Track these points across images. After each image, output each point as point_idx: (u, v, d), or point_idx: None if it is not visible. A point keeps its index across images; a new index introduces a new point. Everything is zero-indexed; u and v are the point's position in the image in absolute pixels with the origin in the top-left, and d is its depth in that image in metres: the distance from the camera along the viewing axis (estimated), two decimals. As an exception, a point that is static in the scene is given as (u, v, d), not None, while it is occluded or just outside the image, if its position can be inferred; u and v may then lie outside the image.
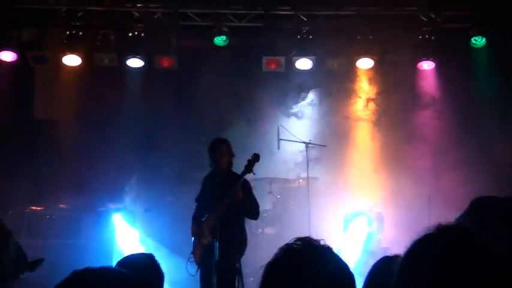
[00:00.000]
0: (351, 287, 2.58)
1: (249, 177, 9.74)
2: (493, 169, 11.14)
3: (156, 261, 4.87)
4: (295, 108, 13.54)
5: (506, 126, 11.97)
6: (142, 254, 5.15)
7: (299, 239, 2.69)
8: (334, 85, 13.25)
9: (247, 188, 9.59)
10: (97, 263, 2.43)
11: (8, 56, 12.67)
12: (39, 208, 11.94)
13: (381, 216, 11.77)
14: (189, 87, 12.93)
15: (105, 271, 2.35)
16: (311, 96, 13.50)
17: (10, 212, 11.69)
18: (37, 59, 12.68)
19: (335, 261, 2.60)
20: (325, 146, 12.36)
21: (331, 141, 12.63)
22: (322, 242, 2.66)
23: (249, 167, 9.36)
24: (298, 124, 13.30)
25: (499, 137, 11.80)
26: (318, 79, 13.25)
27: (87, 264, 2.30)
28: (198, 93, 12.69)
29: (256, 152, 9.60)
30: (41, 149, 12.67)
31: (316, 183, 12.25)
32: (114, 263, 5.04)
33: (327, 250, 2.62)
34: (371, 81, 13.22)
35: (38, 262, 8.53)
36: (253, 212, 9.80)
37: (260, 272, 2.64)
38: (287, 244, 2.67)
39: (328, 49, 12.84)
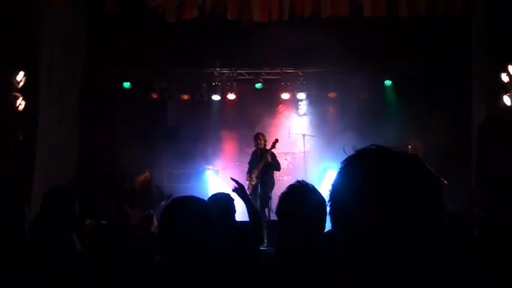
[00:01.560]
0: (323, 208, 2.59)
1: (275, 151, 10.59)
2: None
3: (229, 195, 4.62)
4: (296, 115, 13.58)
5: (399, 132, 11.60)
6: (224, 193, 4.81)
7: (298, 181, 2.87)
8: (317, 105, 13.32)
9: (273, 156, 10.43)
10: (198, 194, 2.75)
11: (154, 96, 13.00)
12: (170, 169, 12.48)
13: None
14: (244, 108, 13.12)
15: (190, 197, 2.52)
16: (305, 109, 13.54)
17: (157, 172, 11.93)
18: (168, 96, 13.15)
19: (315, 192, 2.73)
20: (313, 136, 12.52)
21: (317, 132, 12.73)
22: (310, 184, 2.80)
23: (273, 146, 10.32)
24: (299, 122, 13.41)
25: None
26: (309, 102, 13.43)
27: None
28: (248, 111, 12.93)
29: (277, 138, 10.51)
30: (172, 139, 12.89)
31: (309, 154, 12.45)
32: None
33: (312, 187, 2.76)
34: (335, 103, 13.28)
35: (170, 196, 9.70)
36: (277, 168, 10.60)
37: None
38: (292, 183, 2.87)
39: (313, 88, 13.10)
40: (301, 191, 2.80)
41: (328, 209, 1.32)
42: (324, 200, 2.56)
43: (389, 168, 1.25)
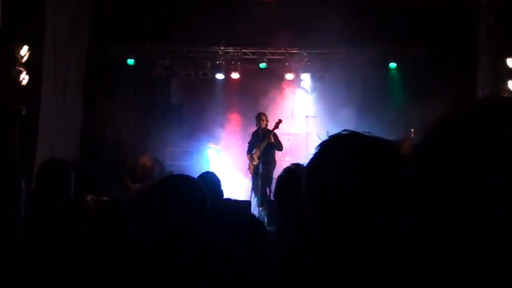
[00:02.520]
0: None
1: (278, 131, 10.59)
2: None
3: (214, 174, 4.66)
4: (300, 96, 13.47)
5: (402, 115, 11.74)
6: (211, 172, 4.85)
7: (293, 164, 2.90)
8: (321, 86, 13.20)
9: (275, 136, 10.45)
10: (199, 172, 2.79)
11: (157, 74, 12.84)
12: (173, 147, 12.43)
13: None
14: (247, 87, 13.02)
15: (183, 175, 2.45)
16: (309, 90, 13.47)
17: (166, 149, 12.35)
18: (172, 74, 13.08)
19: None
20: (315, 117, 12.49)
21: (320, 113, 12.57)
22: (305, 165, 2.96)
23: (276, 126, 10.34)
24: (302, 103, 13.31)
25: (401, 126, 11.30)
26: (313, 83, 13.34)
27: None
28: (251, 91, 12.84)
29: (280, 118, 10.49)
30: (175, 117, 12.98)
31: (311, 135, 12.10)
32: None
33: None
34: (339, 84, 12.78)
35: (171, 172, 9.85)
36: (279, 148, 10.59)
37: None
38: (288, 166, 2.92)
39: (317, 69, 13.04)
40: (297, 173, 2.77)
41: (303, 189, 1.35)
42: None
43: (360, 151, 1.28)
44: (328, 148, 1.34)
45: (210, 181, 4.40)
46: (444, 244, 0.82)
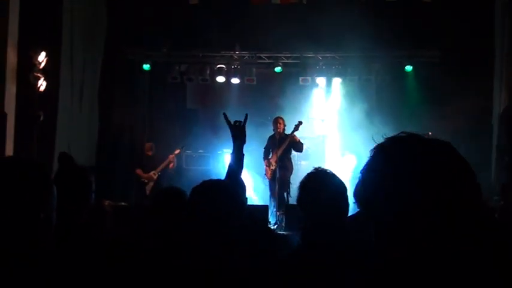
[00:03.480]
0: (343, 192, 2.63)
1: (297, 133, 10.37)
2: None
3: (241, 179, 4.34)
4: (316, 100, 13.21)
5: (418, 118, 11.39)
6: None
7: (317, 168, 2.83)
8: (337, 90, 13.02)
9: (296, 137, 10.34)
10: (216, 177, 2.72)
11: (173, 79, 12.87)
12: (189, 152, 12.38)
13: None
14: (263, 91, 13.00)
15: (216, 180, 2.58)
16: (325, 94, 13.19)
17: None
18: (188, 79, 13.02)
19: (335, 178, 2.69)
20: (332, 120, 12.41)
21: (336, 116, 12.60)
22: (328, 170, 2.76)
23: (296, 128, 10.21)
24: (318, 106, 13.12)
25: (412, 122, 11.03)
26: (329, 86, 13.06)
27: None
28: (267, 95, 12.84)
29: (300, 120, 10.33)
30: (191, 123, 12.91)
31: (328, 139, 12.40)
32: None
33: (331, 173, 2.73)
34: (355, 87, 12.77)
35: (182, 148, 10.97)
36: (300, 149, 10.45)
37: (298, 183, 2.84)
38: (311, 170, 2.83)
39: (332, 73, 12.89)
40: (320, 177, 2.75)
41: (354, 195, 1.32)
42: (343, 185, 2.63)
43: (423, 153, 1.25)
44: (388, 150, 1.30)
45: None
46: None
